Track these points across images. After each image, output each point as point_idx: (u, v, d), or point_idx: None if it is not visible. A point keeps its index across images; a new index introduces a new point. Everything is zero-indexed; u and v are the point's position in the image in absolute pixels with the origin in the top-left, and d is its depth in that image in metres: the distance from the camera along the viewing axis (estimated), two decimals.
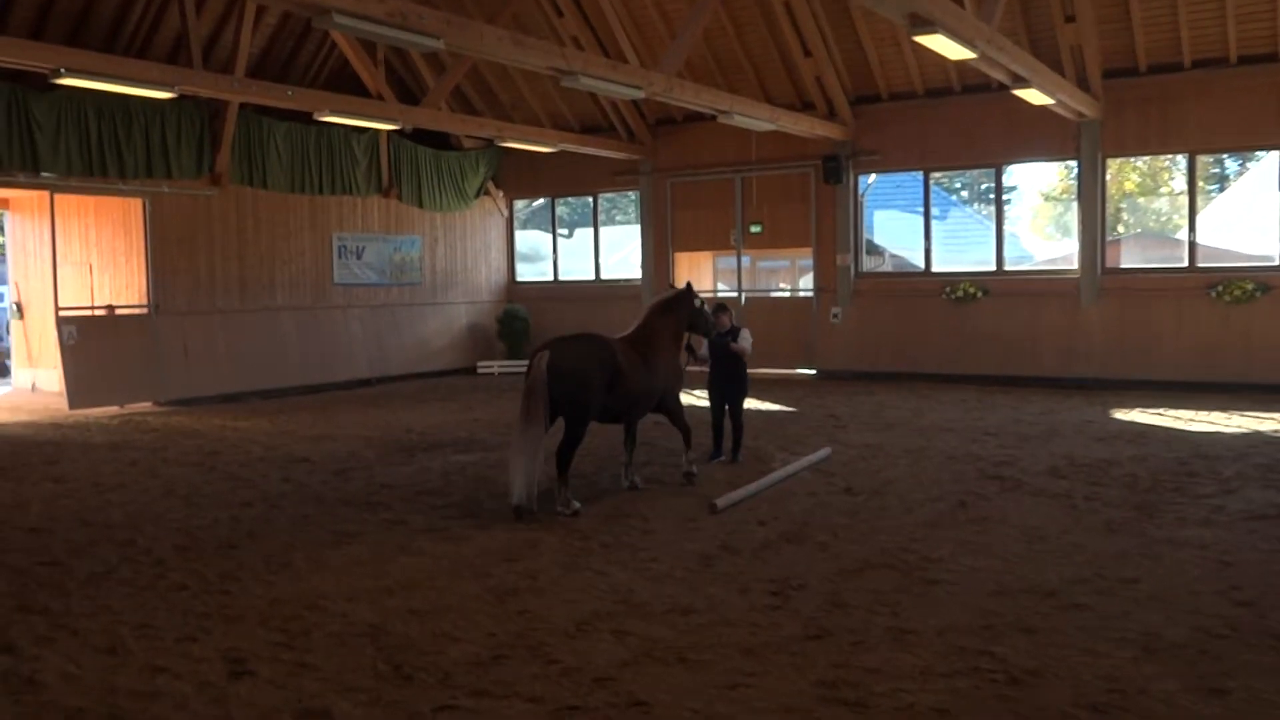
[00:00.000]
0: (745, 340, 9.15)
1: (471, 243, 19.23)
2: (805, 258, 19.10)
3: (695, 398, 13.04)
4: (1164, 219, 23.55)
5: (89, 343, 13.63)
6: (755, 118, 13.73)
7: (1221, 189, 21.87)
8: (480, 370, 18.37)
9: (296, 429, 11.80)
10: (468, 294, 19.06)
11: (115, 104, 13.46)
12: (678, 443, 8.96)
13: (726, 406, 9.24)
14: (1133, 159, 18.24)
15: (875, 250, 20.31)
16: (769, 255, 21.06)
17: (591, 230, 19.48)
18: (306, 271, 16.13)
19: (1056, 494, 7.71)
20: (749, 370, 9.38)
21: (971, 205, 25.80)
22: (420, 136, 17.58)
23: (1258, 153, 17.40)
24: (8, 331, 17.70)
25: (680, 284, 18.35)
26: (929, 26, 8.95)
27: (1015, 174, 19.24)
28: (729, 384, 9.20)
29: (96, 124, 13.42)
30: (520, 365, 18.16)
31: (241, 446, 10.58)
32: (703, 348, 9.07)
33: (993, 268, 15.65)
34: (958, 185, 26.11)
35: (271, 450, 10.33)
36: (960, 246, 22.17)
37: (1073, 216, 15.79)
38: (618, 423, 7.93)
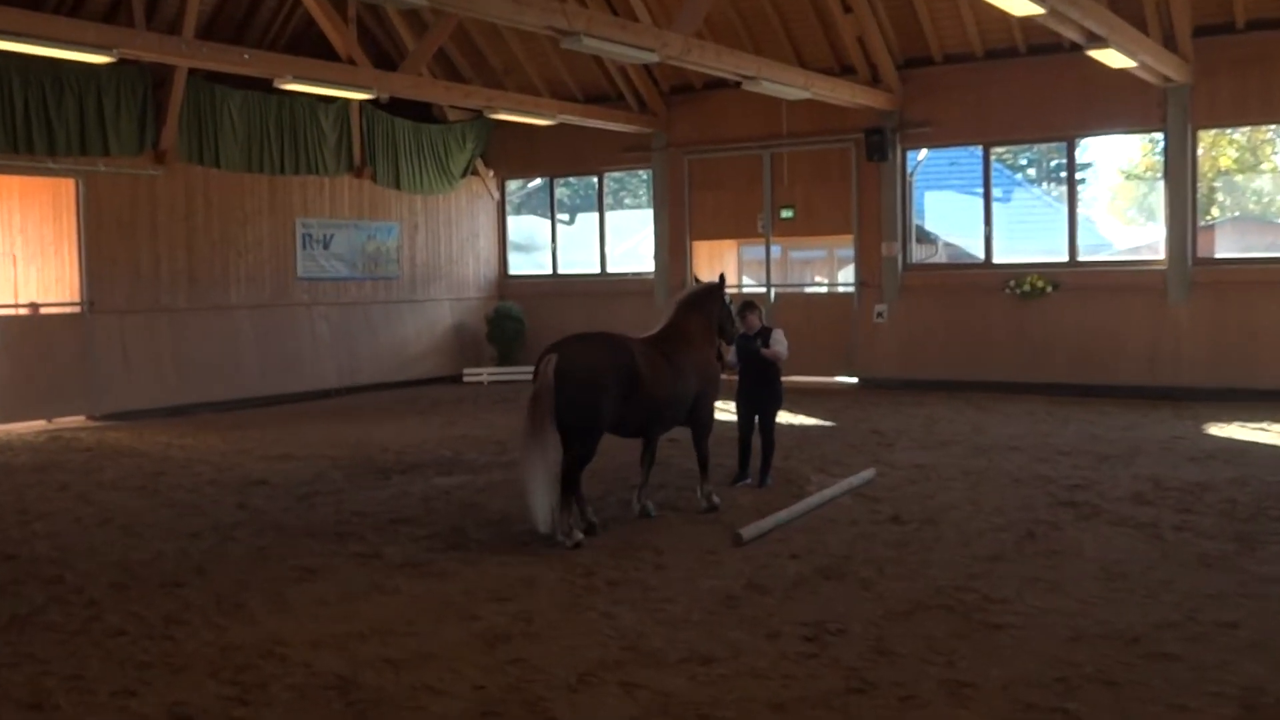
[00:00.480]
0: (779, 343, 9.17)
1: (457, 230, 19.27)
2: (845, 247, 19.03)
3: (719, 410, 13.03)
4: (1266, 200, 23.43)
5: (12, 347, 13.71)
6: (786, 84, 13.74)
7: None
8: (467, 379, 18.40)
9: (253, 447, 11.85)
10: (452, 290, 19.11)
11: (44, 70, 13.53)
12: (689, 462, 8.99)
13: (756, 420, 9.27)
14: (1229, 130, 18.14)
15: (927, 238, 20.24)
16: (802, 244, 21.03)
17: (596, 216, 19.52)
18: (265, 263, 16.19)
19: (1141, 523, 7.68)
20: (783, 378, 9.44)
21: (1039, 185, 25.71)
22: (398, 107, 17.63)
23: None
24: None
25: (705, 277, 18.37)
26: None
27: (1091, 148, 19.14)
28: (759, 394, 9.23)
29: (22, 93, 13.49)
30: (513, 372, 18.22)
31: (189, 468, 10.61)
32: (730, 354, 9.12)
33: (1065, 258, 15.60)
34: (1023, 162, 26.01)
35: (224, 472, 10.36)
36: (1026, 233, 22.10)
37: (1158, 198, 15.73)
38: (639, 436, 8.03)
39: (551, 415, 7.07)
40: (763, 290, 17.65)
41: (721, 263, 18.64)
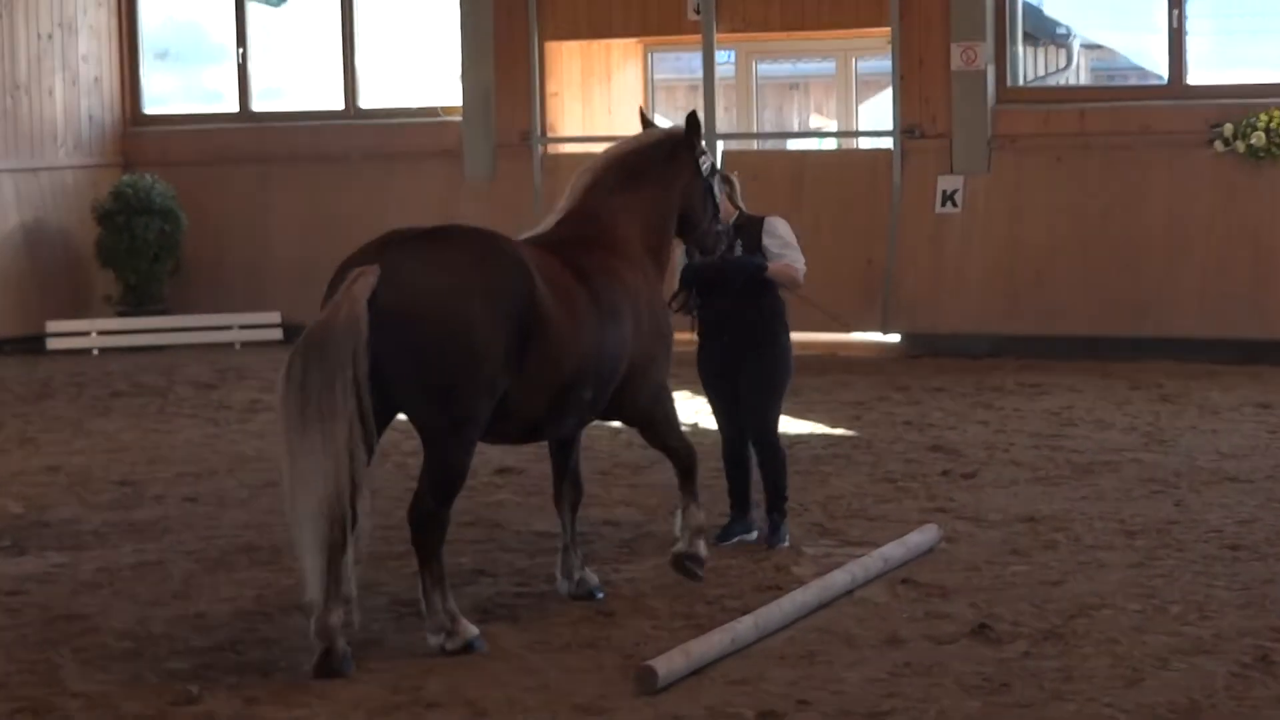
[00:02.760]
0: (786, 247, 9.55)
1: (29, 21, 18.93)
2: (873, 54, 19.18)
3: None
4: None
5: None
6: None
7: None
8: (54, 341, 18.33)
9: None
10: (19, 151, 18.91)
11: None
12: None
13: (747, 413, 9.64)
14: None
15: (1048, 35, 20.45)
16: (783, 49, 21.10)
17: None
18: None
19: None
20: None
21: None
22: None
23: None
24: None
25: (599, 121, 18.35)
26: None
27: None
28: (743, 363, 9.53)
29: None
30: (157, 327, 18.26)
31: None
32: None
33: None
34: None
35: None
36: (1253, 26, 22.41)
37: None
38: (531, 440, 8.46)
39: (357, 389, 7.20)
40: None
41: (613, 90, 18.68)
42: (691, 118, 8.92)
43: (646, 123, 9.29)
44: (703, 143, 8.94)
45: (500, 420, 7.82)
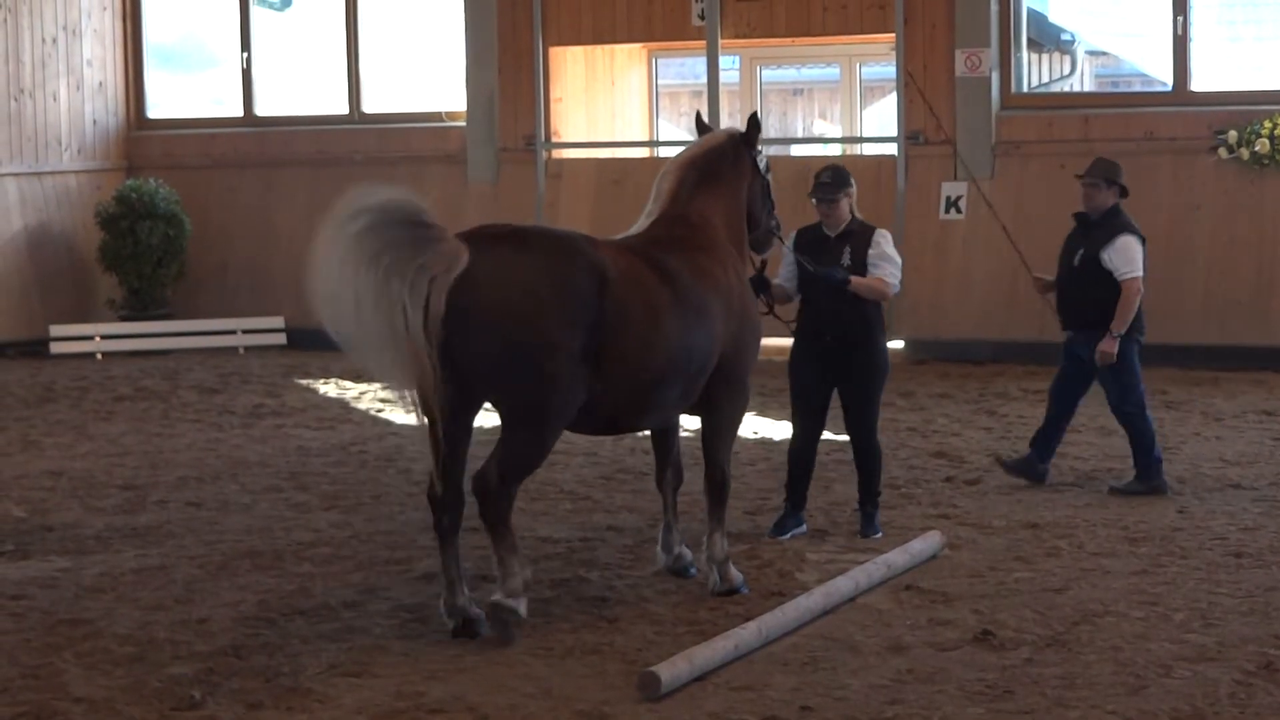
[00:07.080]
0: (886, 260, 9.86)
1: (35, 23, 18.92)
2: (878, 60, 19.15)
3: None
4: None
5: None
6: None
7: None
8: (57, 345, 18.33)
9: None
10: (24, 154, 18.87)
11: None
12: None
13: (849, 417, 10.11)
14: None
15: (1052, 41, 20.42)
16: (787, 55, 21.07)
17: None
18: None
19: None
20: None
21: None
22: None
23: None
24: None
25: (598, 126, 18.34)
26: None
27: None
28: (843, 362, 9.87)
29: None
30: (160, 332, 18.26)
31: None
32: (782, 273, 9.78)
33: None
34: None
35: None
36: (1257, 33, 22.34)
37: None
38: (613, 432, 8.99)
39: (437, 384, 7.46)
40: None
41: (617, 96, 18.65)
42: (752, 119, 9.23)
43: (704, 127, 9.52)
44: (759, 137, 9.21)
45: (581, 413, 8.00)
